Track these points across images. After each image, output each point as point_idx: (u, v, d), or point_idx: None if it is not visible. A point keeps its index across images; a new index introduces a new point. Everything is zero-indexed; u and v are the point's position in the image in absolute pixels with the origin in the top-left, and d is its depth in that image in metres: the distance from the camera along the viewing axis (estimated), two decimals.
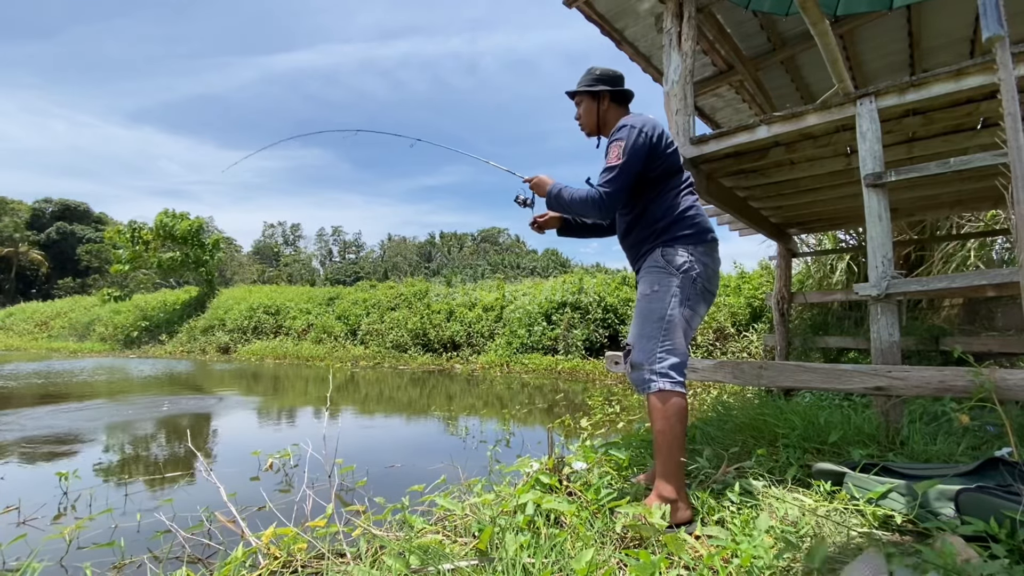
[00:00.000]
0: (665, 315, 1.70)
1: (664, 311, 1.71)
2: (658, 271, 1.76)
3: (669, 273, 1.74)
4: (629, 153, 1.73)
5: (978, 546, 1.22)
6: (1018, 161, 1.50)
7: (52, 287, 39.18)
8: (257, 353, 14.32)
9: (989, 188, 4.01)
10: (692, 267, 1.74)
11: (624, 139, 1.75)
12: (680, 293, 1.72)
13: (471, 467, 2.77)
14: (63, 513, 2.52)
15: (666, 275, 1.74)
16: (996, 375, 1.89)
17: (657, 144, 1.78)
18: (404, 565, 1.29)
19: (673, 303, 1.71)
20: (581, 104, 2.03)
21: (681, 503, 1.57)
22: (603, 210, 1.76)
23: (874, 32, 4.10)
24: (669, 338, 1.69)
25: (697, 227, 1.80)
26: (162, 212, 20.26)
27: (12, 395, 6.75)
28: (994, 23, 1.48)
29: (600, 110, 1.99)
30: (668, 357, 1.67)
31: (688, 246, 1.77)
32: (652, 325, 1.70)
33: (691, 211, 1.81)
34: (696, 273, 1.75)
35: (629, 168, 1.74)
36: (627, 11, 3.71)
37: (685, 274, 1.74)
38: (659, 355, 1.67)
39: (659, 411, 1.63)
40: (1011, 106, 1.53)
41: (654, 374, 1.66)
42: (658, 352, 1.67)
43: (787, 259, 5.83)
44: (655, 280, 1.75)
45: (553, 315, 10.89)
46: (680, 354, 1.70)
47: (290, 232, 68.31)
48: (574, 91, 2.04)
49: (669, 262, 1.75)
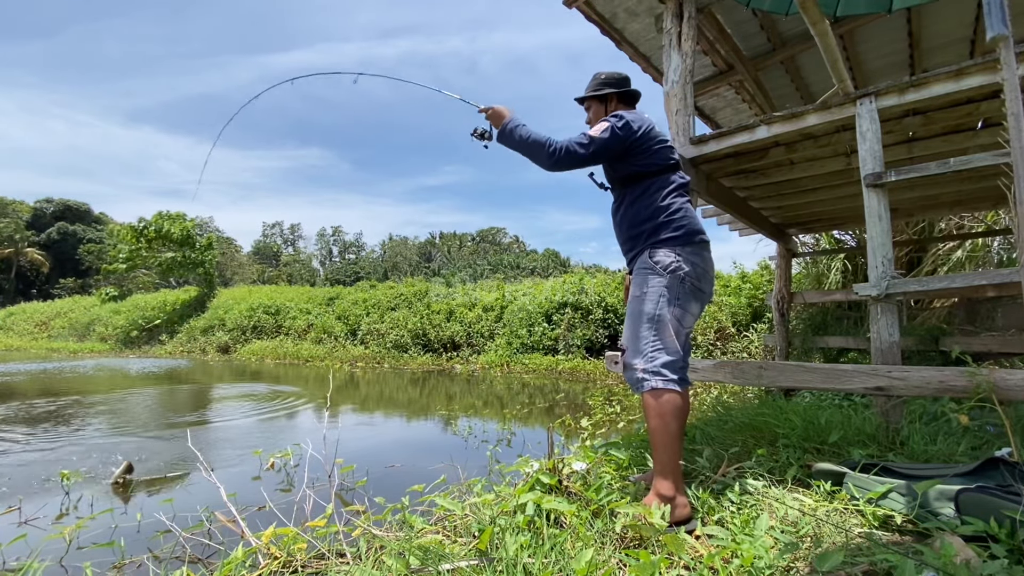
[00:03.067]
0: (654, 315, 1.74)
1: (653, 311, 1.74)
2: (646, 272, 1.80)
3: (656, 274, 1.77)
4: (611, 134, 1.82)
5: (978, 546, 1.22)
6: (1021, 161, 1.50)
7: (52, 287, 39.18)
8: (257, 353, 14.32)
9: (989, 188, 4.01)
10: (680, 267, 1.77)
11: (614, 123, 1.83)
12: (668, 293, 1.75)
13: (471, 467, 2.77)
14: (65, 513, 2.52)
15: (654, 276, 1.78)
16: (996, 375, 1.89)
17: (643, 137, 1.85)
18: (404, 565, 1.29)
19: (662, 303, 1.74)
20: (590, 108, 2.10)
21: (679, 500, 1.58)
22: (554, 161, 1.80)
23: (874, 32, 4.10)
24: (659, 337, 1.72)
25: (684, 228, 1.81)
26: (156, 214, 20.33)
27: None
28: (999, 23, 1.48)
29: (608, 112, 2.04)
30: (659, 356, 1.70)
31: (676, 247, 1.79)
32: (642, 325, 1.75)
33: (679, 213, 1.83)
34: (684, 272, 1.77)
35: (606, 146, 1.82)
36: (627, 11, 3.71)
37: (673, 274, 1.76)
38: (650, 354, 1.71)
39: (653, 408, 1.66)
40: (1014, 106, 1.53)
41: (646, 373, 1.69)
42: (649, 351, 1.71)
43: (787, 259, 5.83)
44: (643, 281, 1.80)
45: (553, 315, 10.89)
46: (672, 352, 1.72)
47: (290, 232, 68.33)
48: (582, 97, 2.11)
49: (656, 263, 1.79)
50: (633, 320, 1.79)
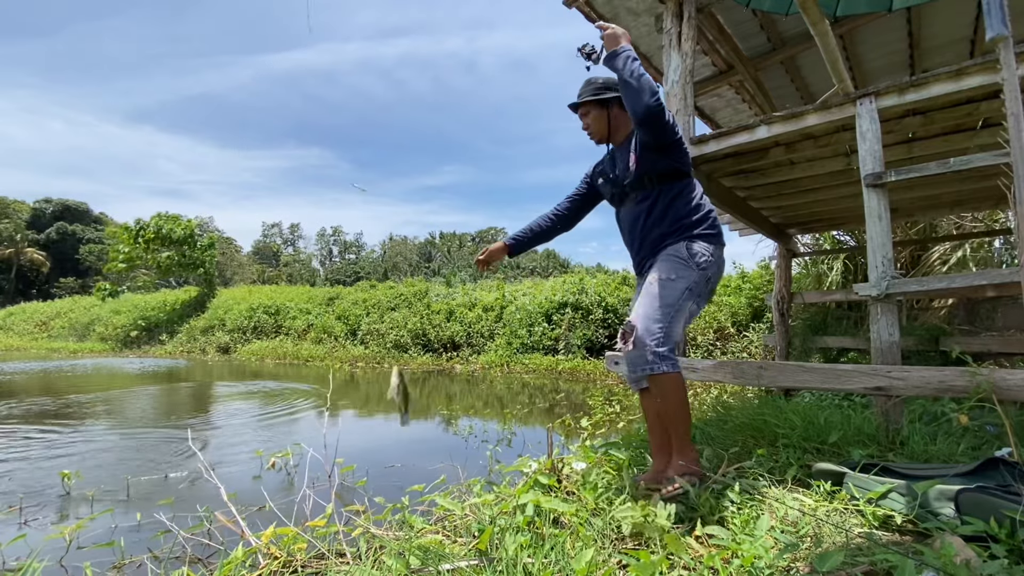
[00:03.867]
0: (675, 303, 1.77)
1: (677, 301, 1.78)
2: (680, 261, 1.82)
3: (689, 266, 1.81)
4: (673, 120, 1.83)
5: (978, 546, 1.22)
6: (1020, 161, 1.50)
7: (52, 287, 39.17)
8: (257, 353, 14.32)
9: (989, 188, 4.01)
10: (709, 266, 1.84)
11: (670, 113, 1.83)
12: (695, 288, 1.81)
13: (471, 467, 2.77)
14: (65, 515, 2.52)
15: (686, 267, 1.81)
16: (996, 375, 1.89)
17: (681, 137, 1.88)
18: (404, 565, 1.29)
19: (686, 294, 1.79)
20: (588, 114, 2.04)
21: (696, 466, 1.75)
22: (654, 105, 1.73)
23: (874, 32, 4.10)
24: (674, 325, 1.77)
25: (718, 229, 1.90)
26: (156, 215, 20.33)
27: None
28: (998, 23, 1.48)
29: (611, 116, 2.02)
30: (669, 342, 1.75)
31: (710, 245, 1.86)
32: (662, 309, 1.76)
33: (713, 213, 1.92)
34: (711, 273, 1.85)
35: (673, 125, 1.82)
36: (627, 11, 3.71)
37: (703, 271, 1.82)
38: (662, 338, 1.74)
39: (672, 388, 1.74)
40: (1014, 106, 1.53)
41: (657, 356, 1.72)
42: (661, 336, 1.74)
43: (787, 259, 5.83)
44: (674, 268, 1.81)
45: (553, 315, 10.89)
46: (676, 341, 1.81)
47: (290, 232, 68.29)
48: (581, 102, 2.04)
49: (692, 256, 1.82)
50: (651, 300, 1.78)
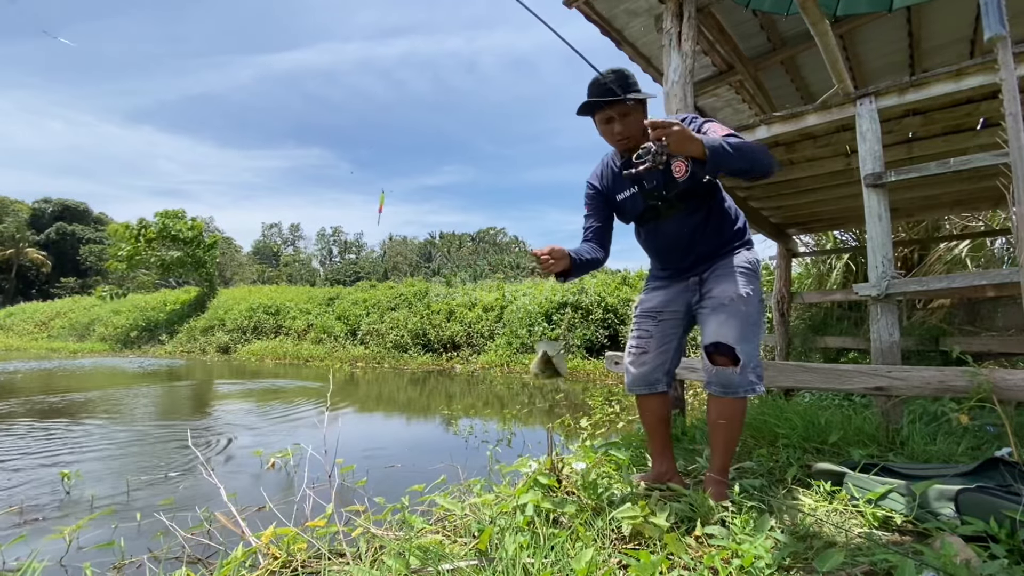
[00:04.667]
0: (759, 320, 1.68)
1: (759, 316, 1.68)
2: (750, 274, 1.70)
3: (757, 276, 1.72)
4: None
5: (978, 546, 1.22)
6: (1019, 161, 1.50)
7: (52, 287, 39.18)
8: (257, 353, 14.32)
9: (989, 188, 4.01)
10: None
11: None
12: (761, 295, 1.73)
13: (471, 467, 2.77)
14: (65, 515, 2.51)
15: (756, 279, 1.71)
16: (996, 375, 1.89)
17: None
18: (404, 565, 1.29)
19: (761, 305, 1.70)
20: (628, 115, 1.67)
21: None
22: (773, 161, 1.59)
23: (874, 32, 4.10)
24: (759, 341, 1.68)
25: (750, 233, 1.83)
26: (160, 213, 20.30)
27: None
28: (996, 23, 1.48)
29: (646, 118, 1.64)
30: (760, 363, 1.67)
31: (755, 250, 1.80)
32: (753, 328, 1.64)
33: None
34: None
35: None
36: (627, 11, 3.71)
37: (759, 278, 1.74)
38: (758, 359, 1.65)
39: (743, 410, 1.66)
40: (1012, 106, 1.53)
41: (758, 379, 1.63)
42: (758, 357, 1.65)
43: (787, 259, 5.83)
44: (748, 282, 1.67)
45: (554, 315, 10.89)
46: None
47: (290, 232, 68.28)
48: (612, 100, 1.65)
49: (754, 265, 1.73)
50: (743, 321, 1.62)
